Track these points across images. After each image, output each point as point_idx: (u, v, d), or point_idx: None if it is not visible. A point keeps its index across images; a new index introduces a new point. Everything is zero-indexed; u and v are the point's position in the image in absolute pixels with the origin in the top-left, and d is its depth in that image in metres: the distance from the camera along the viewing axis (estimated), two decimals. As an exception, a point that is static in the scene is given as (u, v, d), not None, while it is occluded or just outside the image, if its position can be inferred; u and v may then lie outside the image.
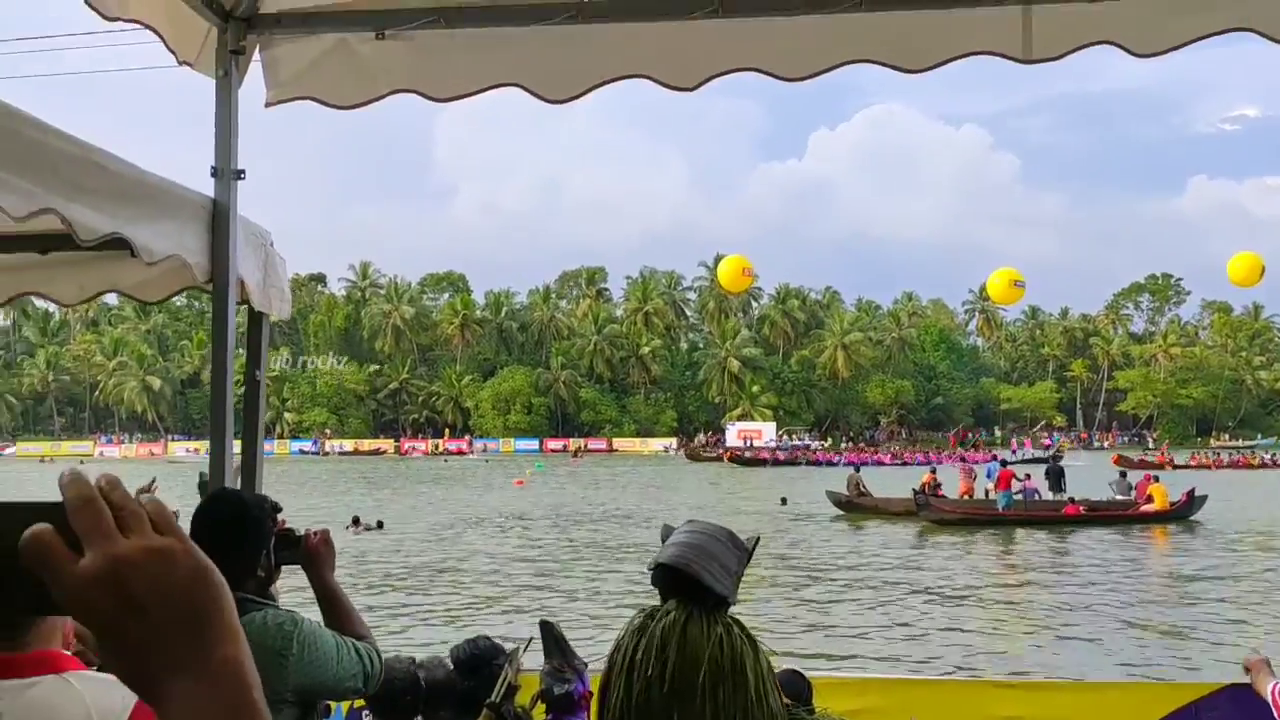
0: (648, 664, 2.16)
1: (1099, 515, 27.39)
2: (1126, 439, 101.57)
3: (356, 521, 25.56)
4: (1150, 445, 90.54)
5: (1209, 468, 58.81)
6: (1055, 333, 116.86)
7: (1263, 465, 63.56)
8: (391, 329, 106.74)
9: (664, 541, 2.46)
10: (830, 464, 66.43)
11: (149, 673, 0.67)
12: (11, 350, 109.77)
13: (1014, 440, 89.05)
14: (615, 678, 2.26)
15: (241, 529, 2.61)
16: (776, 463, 67.39)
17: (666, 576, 2.30)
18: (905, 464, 65.02)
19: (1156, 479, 29.29)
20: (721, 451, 73.91)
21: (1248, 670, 3.94)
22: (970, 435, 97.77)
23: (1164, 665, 11.59)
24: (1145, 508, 27.45)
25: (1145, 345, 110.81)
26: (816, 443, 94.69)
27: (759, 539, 2.33)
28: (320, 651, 2.60)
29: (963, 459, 50.00)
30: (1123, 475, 32.04)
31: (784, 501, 33.03)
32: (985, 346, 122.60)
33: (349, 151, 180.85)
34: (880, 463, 65.32)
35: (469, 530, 26.36)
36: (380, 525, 25.94)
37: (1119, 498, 29.34)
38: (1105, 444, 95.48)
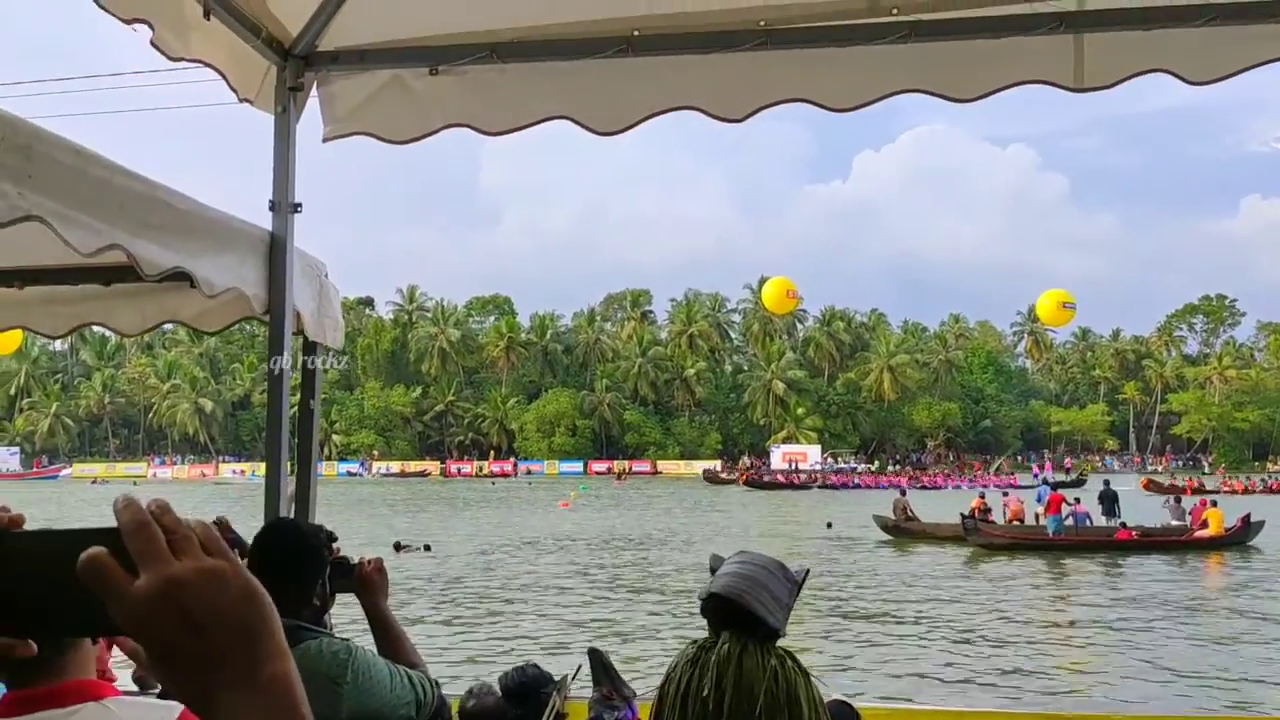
0: (704, 696, 2.16)
1: (1152, 541, 26.84)
2: (1180, 463, 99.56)
3: (399, 546, 25.38)
4: (1206, 469, 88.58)
5: (1238, 492, 57.10)
6: (1106, 354, 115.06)
7: None
8: (438, 351, 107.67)
9: (713, 571, 2.47)
10: (844, 487, 66.97)
11: (203, 688, 0.70)
12: (69, 373, 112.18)
13: (1035, 465, 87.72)
14: (669, 709, 2.26)
15: (299, 558, 2.65)
16: (792, 486, 67.57)
17: (719, 607, 2.30)
18: (925, 488, 64.74)
19: (1215, 504, 28.71)
20: (739, 475, 73.70)
21: None
22: (989, 460, 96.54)
23: (1221, 699, 11.31)
24: (1200, 533, 26.86)
25: (1199, 367, 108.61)
26: (863, 465, 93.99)
27: (808, 571, 2.33)
28: (374, 679, 2.61)
29: (971, 481, 50.11)
30: (1177, 501, 31.40)
31: (829, 525, 32.70)
32: (1034, 369, 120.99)
33: (396, 176, 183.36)
34: (896, 485, 65.08)
35: (516, 553, 26.40)
36: (428, 548, 25.84)
37: (1173, 523, 28.74)
38: (1159, 468, 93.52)
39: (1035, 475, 66.67)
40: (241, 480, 72.11)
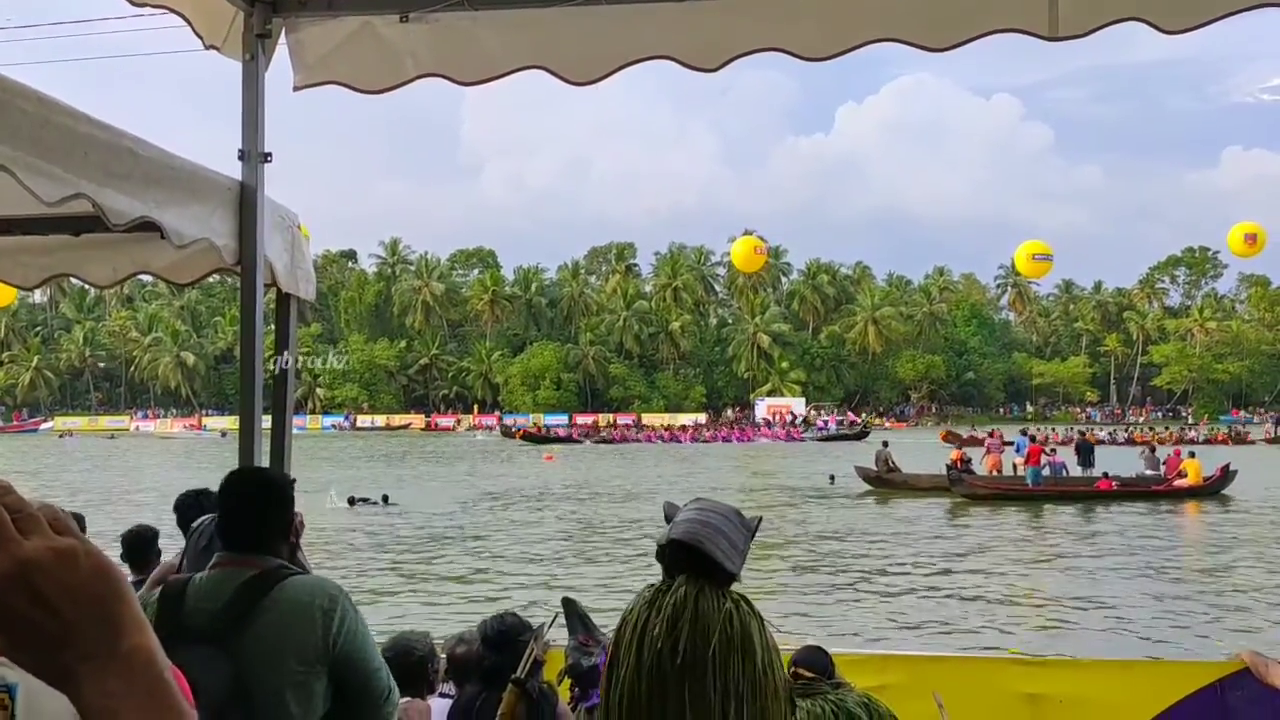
0: (660, 637, 2.20)
1: (1132, 490, 27.25)
2: (1161, 414, 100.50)
3: (353, 501, 24.55)
4: (1189, 421, 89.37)
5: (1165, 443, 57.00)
6: (1089, 307, 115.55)
7: (1236, 440, 62.28)
8: (421, 305, 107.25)
9: (667, 518, 2.50)
10: (676, 441, 67.59)
11: (60, 664, 0.70)
12: (49, 326, 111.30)
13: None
14: (625, 650, 2.30)
15: (265, 501, 2.66)
16: (571, 440, 66.65)
17: (677, 552, 2.34)
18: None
19: (1193, 454, 29.10)
20: (516, 431, 72.51)
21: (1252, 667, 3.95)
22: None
23: (1190, 643, 11.53)
24: (1178, 483, 27.28)
25: (1181, 319, 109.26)
26: (849, 418, 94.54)
27: (761, 519, 2.37)
28: (364, 631, 2.58)
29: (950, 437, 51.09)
30: (1151, 450, 31.80)
31: (832, 479, 32.48)
32: (1017, 321, 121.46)
33: (375, 129, 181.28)
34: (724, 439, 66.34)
35: (497, 505, 26.53)
36: (386, 500, 24.93)
37: (1149, 473, 29.14)
38: (1139, 419, 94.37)
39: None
40: (210, 438, 71.50)
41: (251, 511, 2.63)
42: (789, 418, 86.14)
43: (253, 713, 2.38)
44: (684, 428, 77.83)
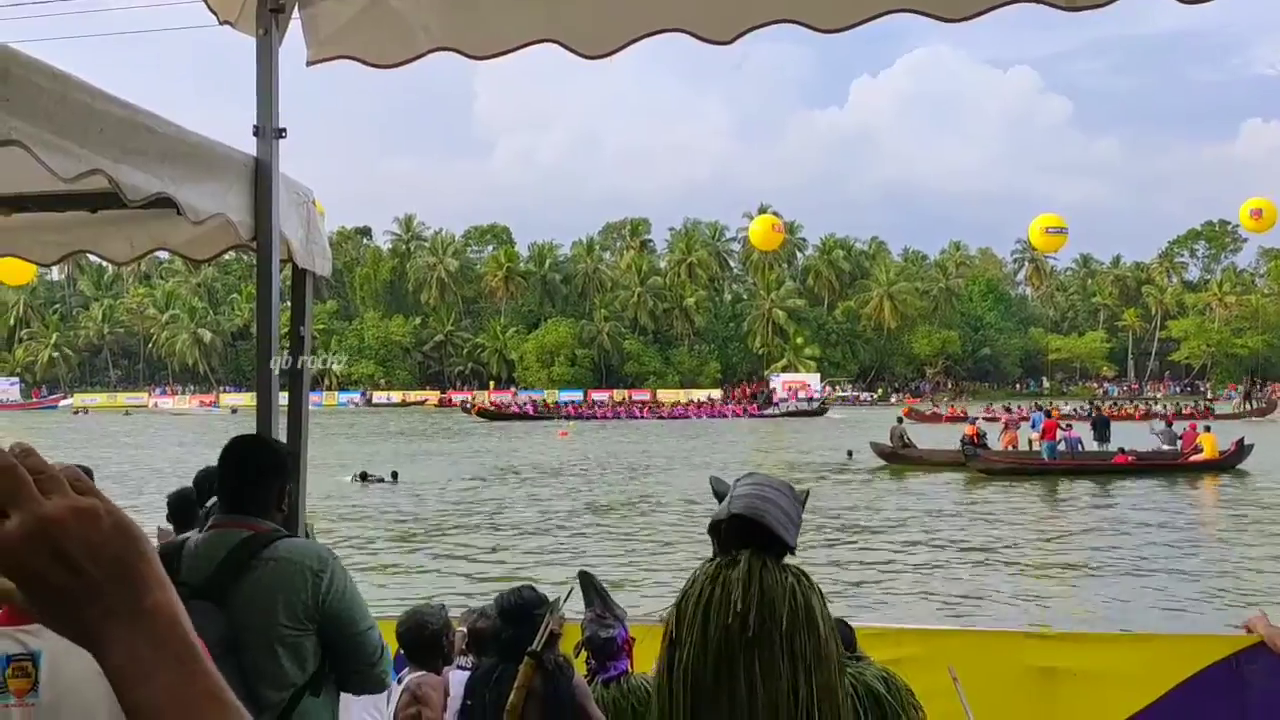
0: (727, 612, 2.22)
1: (1148, 465, 27.14)
2: (1179, 389, 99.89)
3: (365, 476, 24.58)
4: (1208, 395, 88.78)
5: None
6: (1106, 281, 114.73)
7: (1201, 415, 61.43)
8: (436, 281, 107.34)
9: (715, 493, 2.51)
10: (594, 418, 67.40)
11: (85, 622, 0.71)
12: (68, 304, 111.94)
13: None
14: (688, 627, 2.31)
15: (263, 465, 2.76)
16: (532, 417, 66.46)
17: (740, 526, 2.36)
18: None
19: (1208, 428, 28.97)
20: (471, 407, 71.40)
21: (1249, 630, 3.95)
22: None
23: (1205, 617, 11.51)
24: (1194, 457, 27.16)
25: (1200, 294, 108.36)
26: (865, 394, 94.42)
27: (809, 492, 2.39)
28: (353, 592, 2.67)
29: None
30: (1168, 425, 31.65)
31: (850, 455, 32.51)
32: (1034, 296, 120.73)
33: (388, 106, 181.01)
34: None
35: (511, 481, 26.64)
36: (395, 477, 24.95)
37: (1165, 448, 29.02)
38: (1157, 394, 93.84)
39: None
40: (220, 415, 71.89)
41: (246, 476, 2.73)
42: (750, 395, 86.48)
43: (245, 666, 2.48)
44: (643, 404, 79.05)
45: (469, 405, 74.05)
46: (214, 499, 4.60)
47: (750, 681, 2.18)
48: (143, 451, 37.15)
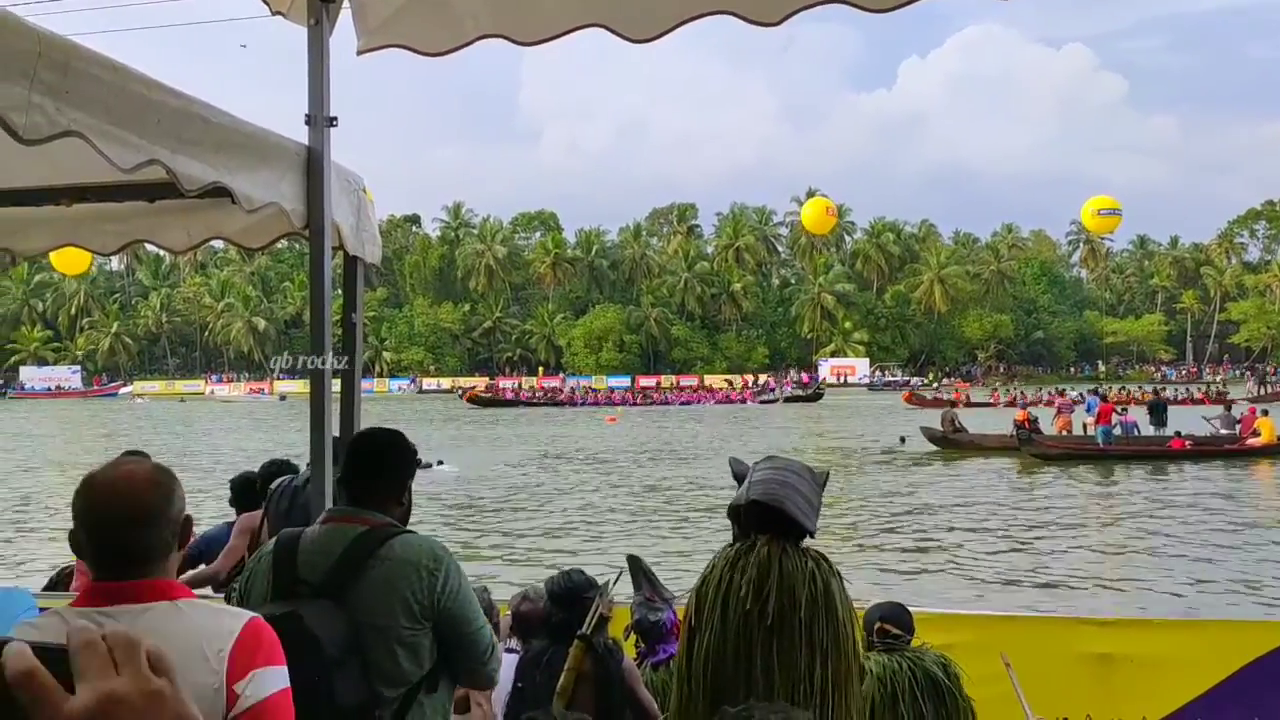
0: (747, 597, 2.22)
1: (1205, 450, 26.61)
2: (1238, 372, 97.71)
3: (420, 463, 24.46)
4: (1271, 378, 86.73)
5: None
6: (1164, 263, 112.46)
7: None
8: (484, 268, 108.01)
9: (735, 476, 2.50)
10: (594, 405, 66.96)
11: None
12: (127, 293, 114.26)
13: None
14: (708, 612, 2.31)
15: (389, 460, 2.74)
16: (524, 403, 67.05)
17: (758, 512, 2.35)
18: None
19: (1266, 412, 28.34)
20: (464, 394, 72.54)
21: None
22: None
23: (1263, 604, 11.29)
24: (1251, 441, 26.58)
25: (1260, 275, 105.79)
26: (916, 379, 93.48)
27: (829, 472, 2.36)
28: (467, 591, 2.62)
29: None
30: (1227, 409, 30.99)
31: (903, 440, 32.20)
32: (1089, 279, 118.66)
33: (437, 96, 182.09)
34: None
35: (562, 466, 26.77)
36: (441, 463, 24.69)
37: (1223, 432, 28.43)
38: (1216, 377, 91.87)
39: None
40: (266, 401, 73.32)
41: (374, 471, 2.70)
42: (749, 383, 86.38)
43: (368, 665, 2.46)
44: (630, 390, 79.99)
45: (462, 392, 75.54)
46: (279, 483, 4.68)
47: (767, 667, 2.17)
48: (178, 439, 37.84)
